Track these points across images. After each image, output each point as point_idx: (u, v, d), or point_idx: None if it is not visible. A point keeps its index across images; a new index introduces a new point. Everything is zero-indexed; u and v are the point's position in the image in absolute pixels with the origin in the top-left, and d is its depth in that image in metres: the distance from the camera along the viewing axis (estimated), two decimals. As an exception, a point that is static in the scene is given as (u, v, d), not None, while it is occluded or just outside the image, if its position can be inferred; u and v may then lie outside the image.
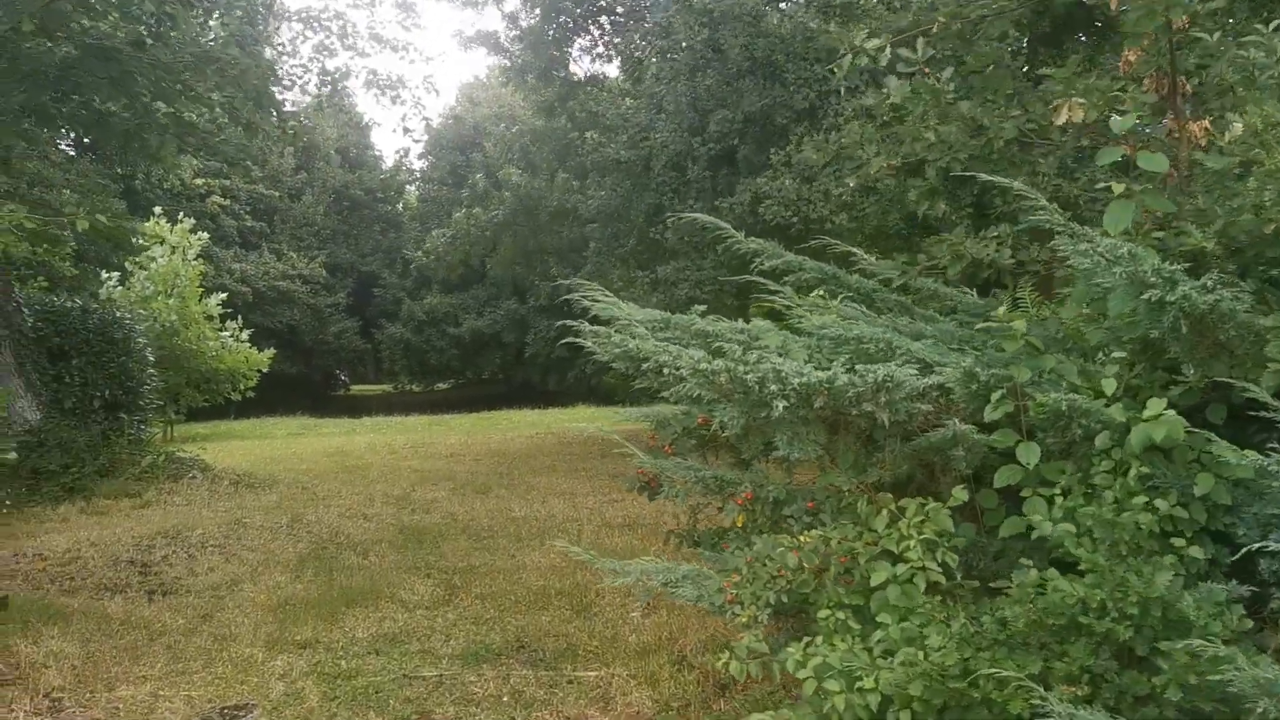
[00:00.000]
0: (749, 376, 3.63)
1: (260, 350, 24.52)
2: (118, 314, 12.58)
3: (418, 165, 50.02)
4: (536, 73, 18.54)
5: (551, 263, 19.24)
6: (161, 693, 5.27)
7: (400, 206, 50.03)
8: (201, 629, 6.44)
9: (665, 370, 4.02)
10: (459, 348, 43.28)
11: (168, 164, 11.26)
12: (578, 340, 4.68)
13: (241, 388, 23.72)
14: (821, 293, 5.16)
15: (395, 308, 44.59)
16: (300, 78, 20.79)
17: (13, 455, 5.81)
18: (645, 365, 4.13)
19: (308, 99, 23.92)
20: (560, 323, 4.80)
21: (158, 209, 24.41)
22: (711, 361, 3.75)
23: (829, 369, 3.66)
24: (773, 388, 3.60)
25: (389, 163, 51.24)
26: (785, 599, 3.73)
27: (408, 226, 46.36)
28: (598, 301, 4.89)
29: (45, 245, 15.78)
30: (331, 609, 6.85)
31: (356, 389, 55.40)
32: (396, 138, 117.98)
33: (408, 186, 52.16)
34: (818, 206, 9.14)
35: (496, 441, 18.62)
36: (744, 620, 3.76)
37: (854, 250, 5.21)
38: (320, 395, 45.67)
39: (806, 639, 3.57)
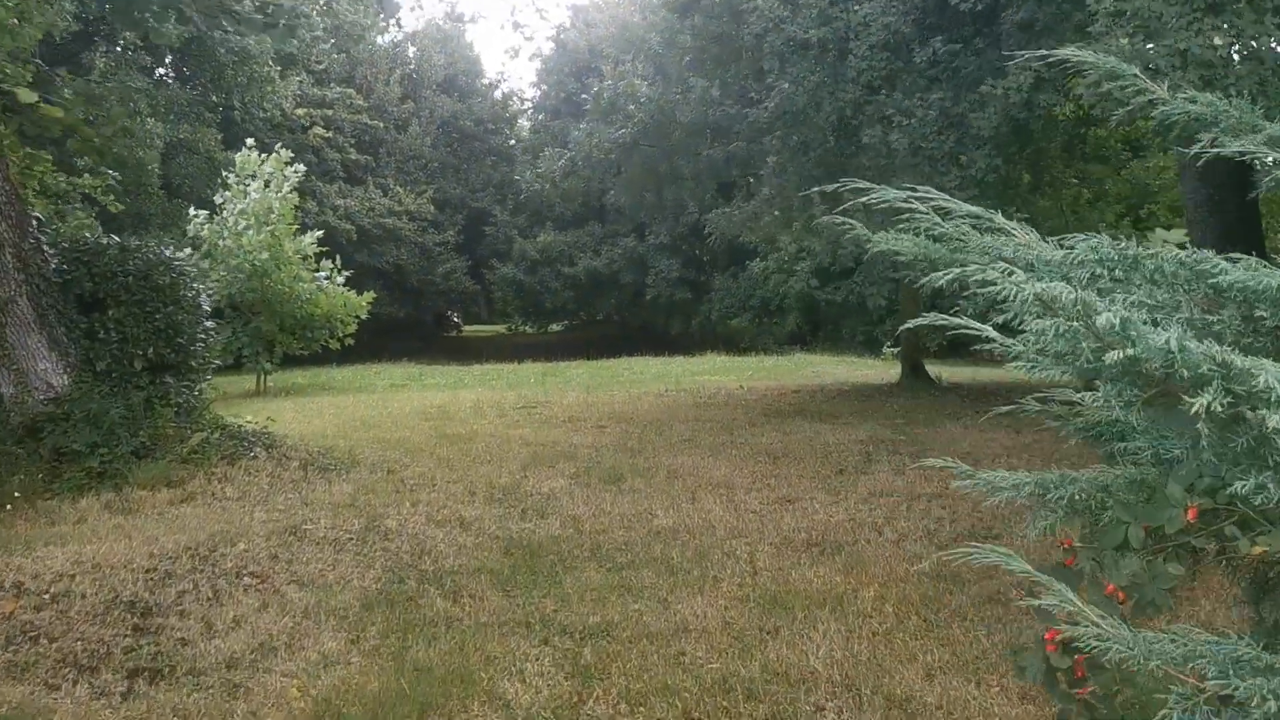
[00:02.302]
0: None
1: (362, 292, 22.43)
2: (166, 254, 10.21)
3: (529, 94, 47.51)
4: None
5: (686, 190, 16.46)
6: None
7: (513, 141, 47.50)
8: (179, 773, 3.95)
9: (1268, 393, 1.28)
10: (574, 289, 40.75)
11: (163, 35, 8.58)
12: (959, 326, 1.93)
13: (340, 335, 21.63)
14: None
15: (507, 246, 42.22)
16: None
17: None
18: (1175, 371, 1.38)
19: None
20: (960, 273, 1.98)
21: (249, 140, 22.26)
22: None
23: None
24: None
25: (499, 93, 48.83)
26: None
27: (520, 160, 43.85)
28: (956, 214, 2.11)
29: (86, 175, 13.59)
30: (394, 724, 4.32)
31: (469, 330, 53.73)
32: (505, 67, 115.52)
33: (520, 120, 49.71)
34: (1175, 75, 5.98)
35: (620, 400, 16.03)
36: None
37: None
38: (431, 337, 43.87)
39: None
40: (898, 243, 2.56)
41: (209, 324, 10.50)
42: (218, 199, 21.34)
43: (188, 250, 20.32)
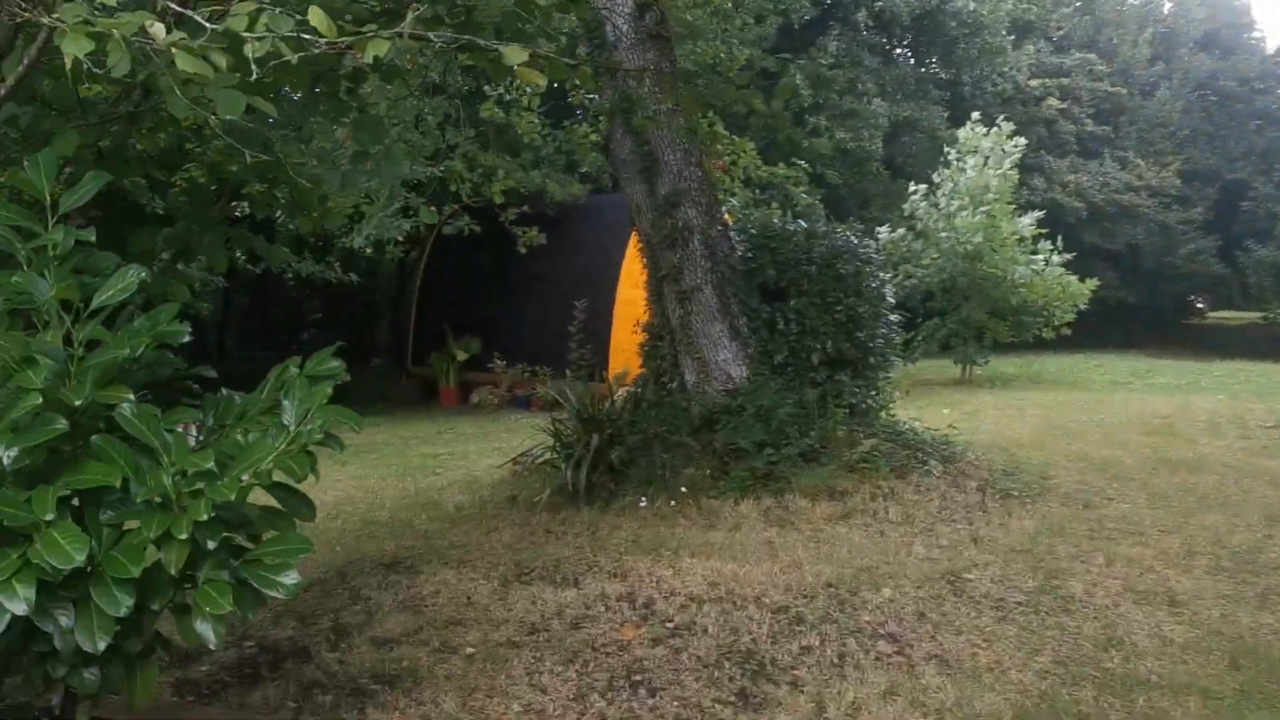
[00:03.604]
0: None
1: (1085, 278, 20.31)
2: (852, 240, 9.51)
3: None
4: None
5: None
6: None
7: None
8: None
9: None
10: (1355, 273, 33.71)
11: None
12: None
13: (1054, 324, 19.79)
14: None
15: (1268, 224, 36.21)
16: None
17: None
18: None
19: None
20: None
21: (975, 114, 21.24)
22: None
23: None
24: None
25: (1272, 45, 42.12)
26: None
27: (1292, 122, 37.28)
28: None
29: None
30: None
31: (1215, 316, 47.61)
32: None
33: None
34: None
35: None
36: None
37: None
38: (1167, 326, 39.37)
39: None
40: None
41: (892, 318, 9.61)
42: (936, 178, 20.64)
43: (901, 230, 20.01)
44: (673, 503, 7.92)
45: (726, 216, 10.02)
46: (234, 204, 5.68)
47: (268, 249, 4.46)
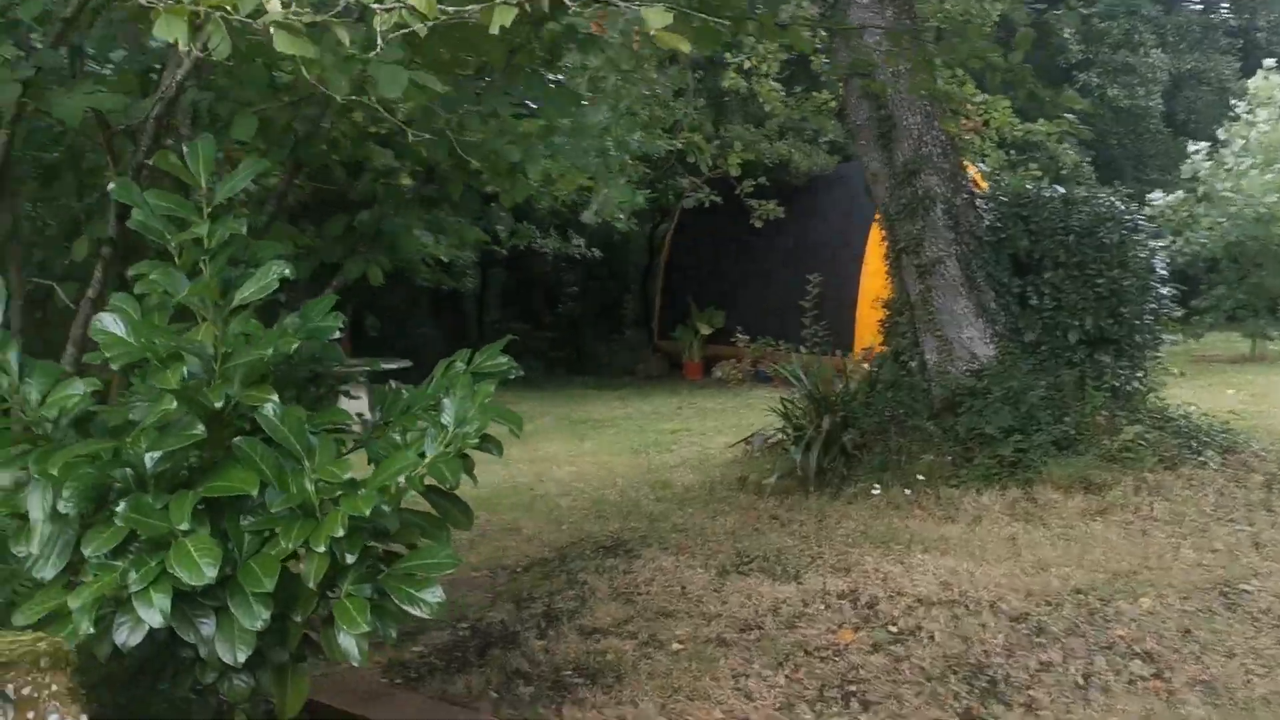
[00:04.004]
0: None
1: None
2: (1117, 205, 8.64)
3: None
4: None
5: None
6: None
7: None
8: None
9: None
10: None
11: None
12: None
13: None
14: None
15: None
16: None
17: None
18: None
19: None
20: None
21: (1269, 62, 19.12)
22: None
23: None
24: None
25: None
26: None
27: None
28: None
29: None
30: None
31: None
32: None
33: None
34: None
35: None
36: None
37: None
38: None
39: None
40: None
41: (1163, 292, 8.65)
42: (1222, 134, 18.71)
43: (1178, 193, 18.29)
44: (908, 491, 7.43)
45: (978, 181, 9.34)
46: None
47: (462, 228, 4.40)
